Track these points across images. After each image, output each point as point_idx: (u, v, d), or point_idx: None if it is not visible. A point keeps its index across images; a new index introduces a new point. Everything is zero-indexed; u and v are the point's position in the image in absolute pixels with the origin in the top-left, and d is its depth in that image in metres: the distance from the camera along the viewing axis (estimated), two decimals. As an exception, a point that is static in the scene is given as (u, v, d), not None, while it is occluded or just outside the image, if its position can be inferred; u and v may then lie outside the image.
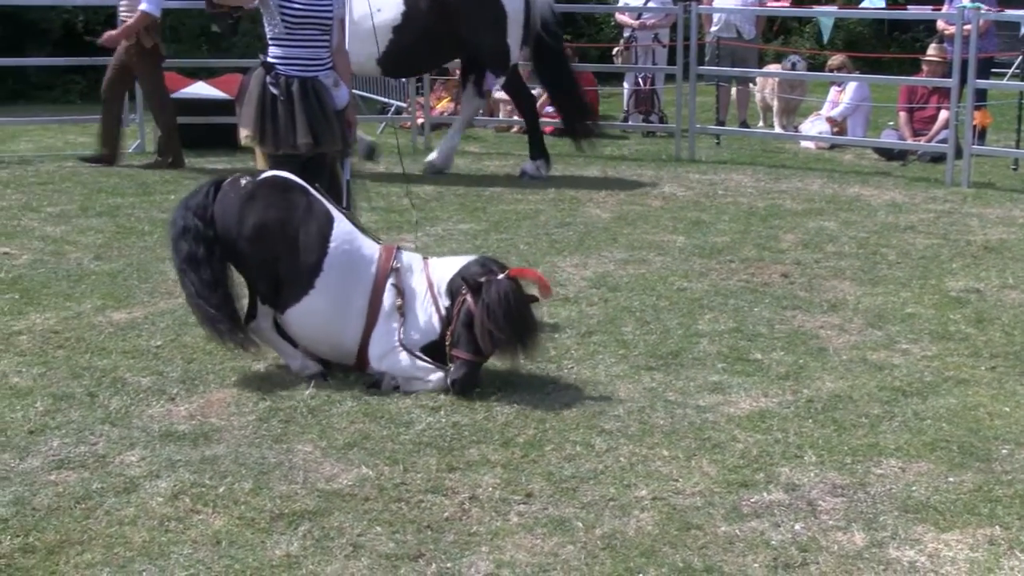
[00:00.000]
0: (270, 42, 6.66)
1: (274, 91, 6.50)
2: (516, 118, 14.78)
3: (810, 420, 5.24)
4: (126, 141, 12.48)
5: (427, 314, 5.62)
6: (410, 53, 10.94)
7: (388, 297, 5.62)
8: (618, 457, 4.82)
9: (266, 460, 4.75)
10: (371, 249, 5.76)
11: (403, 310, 5.60)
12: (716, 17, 14.38)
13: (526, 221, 9.28)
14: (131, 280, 7.42)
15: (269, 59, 6.64)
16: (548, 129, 14.19)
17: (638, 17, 14.78)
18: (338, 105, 6.72)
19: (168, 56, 12.38)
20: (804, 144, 13.58)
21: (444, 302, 5.60)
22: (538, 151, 11.48)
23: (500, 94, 15.21)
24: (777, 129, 14.43)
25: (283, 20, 6.55)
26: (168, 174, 11.27)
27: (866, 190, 10.88)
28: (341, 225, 5.74)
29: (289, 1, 6.53)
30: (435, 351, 5.58)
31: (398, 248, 5.83)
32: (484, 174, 11.37)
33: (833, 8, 18.30)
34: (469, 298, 5.46)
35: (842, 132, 13.64)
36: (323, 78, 6.65)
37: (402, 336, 5.57)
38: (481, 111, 15.47)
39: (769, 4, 14.88)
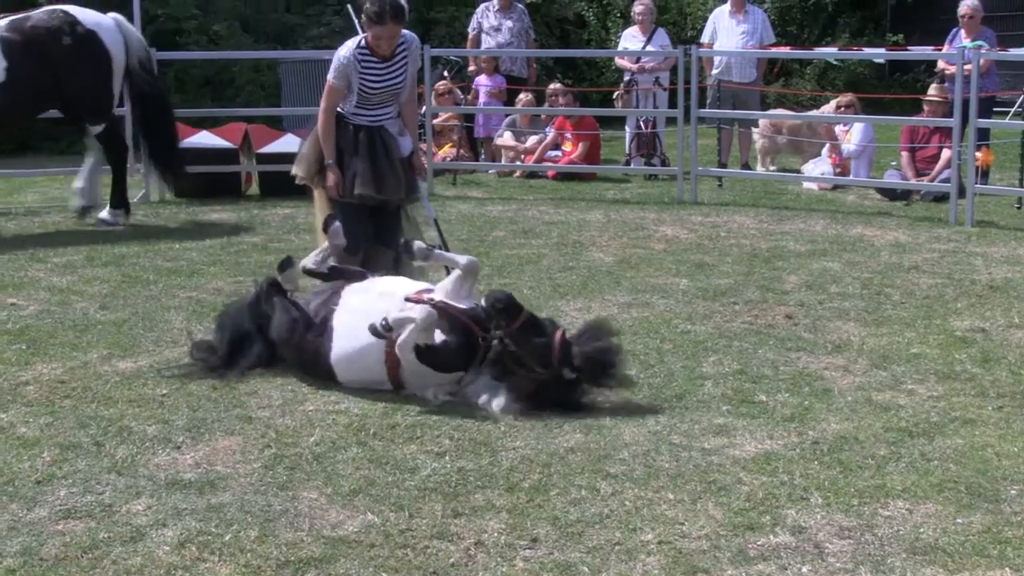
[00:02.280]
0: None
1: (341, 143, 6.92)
2: (518, 163, 14.90)
3: (816, 462, 5.24)
4: (131, 192, 12.55)
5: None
6: (13, 107, 10.76)
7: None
8: (623, 501, 4.82)
9: (272, 508, 4.76)
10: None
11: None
12: (716, 60, 14.48)
13: (529, 266, 9.32)
14: (136, 329, 7.45)
15: (338, 110, 7.01)
16: (551, 174, 14.32)
17: (637, 60, 14.89)
18: (403, 152, 7.06)
19: (173, 106, 12.45)
20: (807, 185, 13.64)
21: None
22: (119, 200, 11.36)
23: (502, 140, 15.34)
24: (759, 169, 14.50)
25: (360, 95, 6.85)
26: (173, 224, 11.33)
27: (869, 230, 10.92)
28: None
29: (367, 83, 6.94)
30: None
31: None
32: (487, 219, 11.42)
33: (834, 49, 18.45)
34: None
35: (845, 172, 13.70)
36: (389, 126, 6.92)
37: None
38: (483, 156, 15.62)
39: (769, 47, 14.97)
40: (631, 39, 15.21)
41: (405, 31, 7.20)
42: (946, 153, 12.31)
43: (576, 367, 5.77)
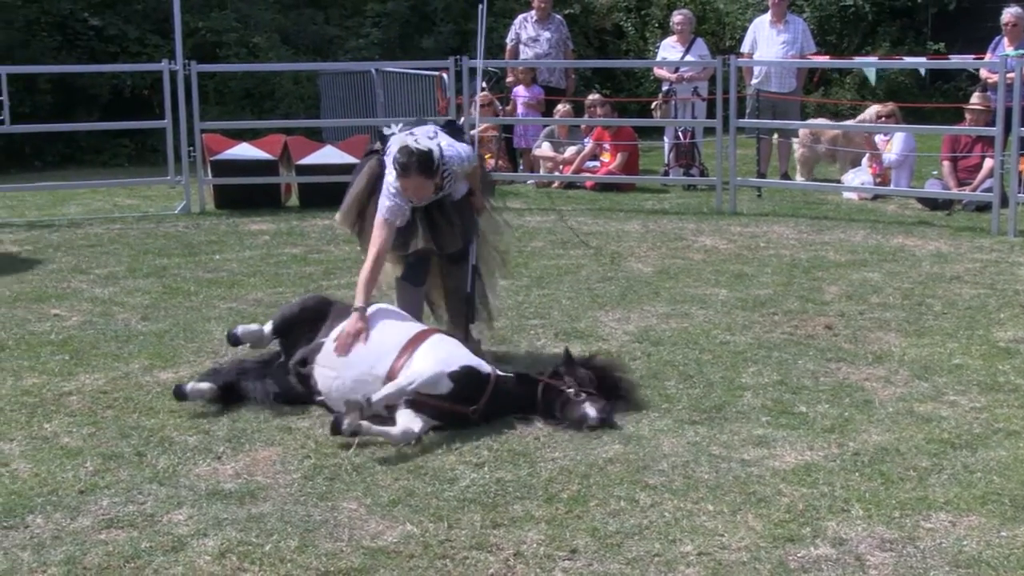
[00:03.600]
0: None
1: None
2: (556, 174, 14.91)
3: (857, 473, 5.21)
4: (172, 202, 12.67)
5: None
6: None
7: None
8: (663, 512, 4.81)
9: (312, 518, 4.78)
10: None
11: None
12: (756, 70, 14.44)
13: (568, 276, 9.32)
14: (177, 340, 7.51)
15: (386, 157, 6.52)
16: (589, 184, 14.32)
17: (676, 70, 14.88)
18: (456, 196, 6.66)
19: (211, 118, 12.55)
20: (847, 195, 13.56)
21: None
22: None
23: (540, 151, 15.35)
24: (799, 179, 14.44)
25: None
26: (213, 235, 11.42)
27: (910, 240, 10.84)
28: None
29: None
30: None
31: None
32: (525, 230, 11.43)
33: (874, 59, 18.34)
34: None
35: (885, 182, 13.62)
36: None
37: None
38: (522, 167, 15.64)
39: (809, 56, 14.90)
40: (670, 49, 15.19)
41: (461, 147, 6.65)
42: (988, 162, 12.20)
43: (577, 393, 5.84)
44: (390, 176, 6.39)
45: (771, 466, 5.29)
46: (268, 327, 6.55)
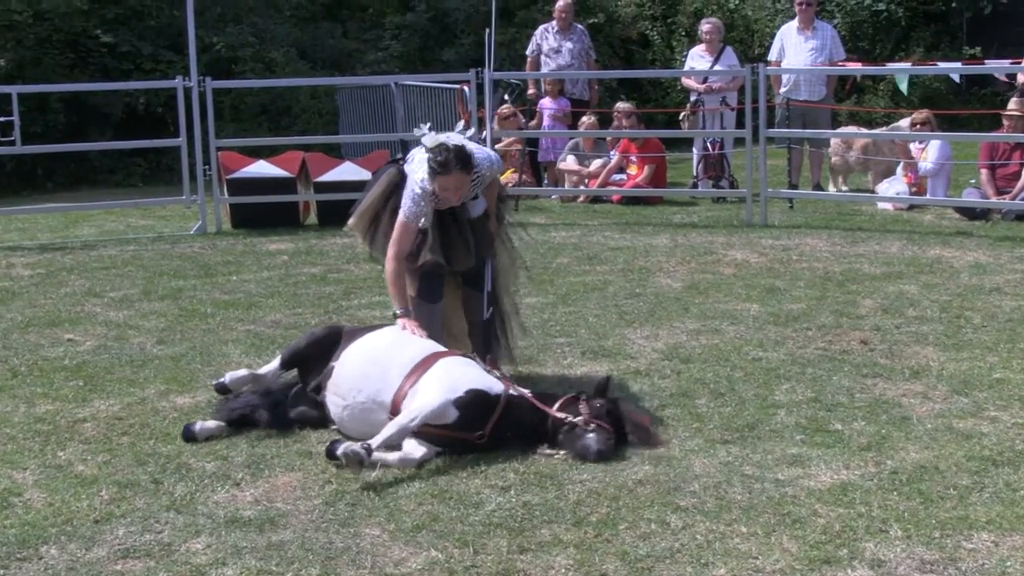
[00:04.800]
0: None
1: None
2: (582, 188, 14.93)
3: (895, 492, 5.18)
4: (187, 222, 12.75)
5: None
6: None
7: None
8: (694, 535, 4.80)
9: (333, 545, 4.79)
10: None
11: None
12: (785, 78, 14.43)
13: (595, 293, 9.32)
14: (194, 364, 7.55)
15: (406, 164, 6.64)
16: (615, 198, 14.33)
17: (704, 81, 14.88)
18: (472, 214, 6.71)
19: (227, 135, 12.64)
20: (881, 206, 13.53)
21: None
22: None
23: (565, 164, 15.38)
24: (831, 190, 14.40)
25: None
26: (230, 255, 11.48)
27: (948, 251, 10.80)
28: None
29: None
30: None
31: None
32: (551, 246, 11.44)
33: (907, 65, 18.30)
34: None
35: (921, 192, 13.58)
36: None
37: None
38: (546, 181, 15.67)
39: (839, 63, 14.87)
40: (698, 59, 15.21)
41: (488, 151, 6.84)
42: (1028, 169, 12.16)
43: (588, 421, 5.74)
44: (415, 179, 6.45)
45: (806, 486, 5.28)
46: (274, 364, 6.50)
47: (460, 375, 5.90)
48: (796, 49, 14.50)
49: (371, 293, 9.36)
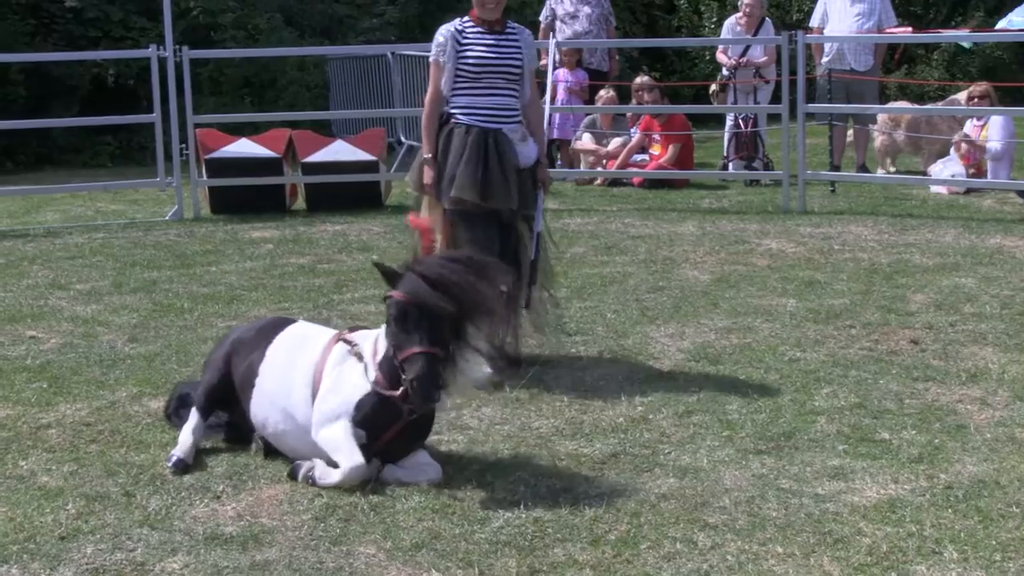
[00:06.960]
0: (452, 92, 7.03)
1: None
2: (599, 170, 14.93)
3: (949, 510, 5.19)
4: (163, 207, 12.78)
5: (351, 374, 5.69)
6: None
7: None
8: (725, 555, 4.81)
9: (324, 565, 4.80)
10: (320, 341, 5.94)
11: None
12: (827, 47, 14.40)
13: (613, 286, 9.33)
14: (170, 364, 7.57)
15: (449, 109, 6.99)
16: (637, 181, 14.33)
17: (741, 54, 14.75)
18: (522, 162, 6.97)
19: (206, 111, 12.67)
20: (934, 189, 13.52)
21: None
22: None
23: (581, 143, 15.38)
24: (879, 172, 14.37)
25: (468, 73, 6.94)
26: (209, 243, 11.51)
27: (1010, 240, 10.80)
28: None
29: (474, 55, 6.93)
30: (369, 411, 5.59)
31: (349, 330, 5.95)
32: (565, 233, 11.45)
33: (966, 31, 18.24)
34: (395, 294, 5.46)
35: (980, 174, 13.55)
36: (509, 131, 6.86)
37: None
38: (560, 162, 15.68)
39: (889, 30, 14.82)
40: (736, 31, 15.08)
41: (514, 24, 7.24)
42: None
43: None
44: (442, 27, 7.08)
45: (849, 502, 5.28)
46: (196, 417, 6.09)
47: (343, 388, 5.71)
48: (841, 14, 14.46)
49: (364, 286, 9.38)
